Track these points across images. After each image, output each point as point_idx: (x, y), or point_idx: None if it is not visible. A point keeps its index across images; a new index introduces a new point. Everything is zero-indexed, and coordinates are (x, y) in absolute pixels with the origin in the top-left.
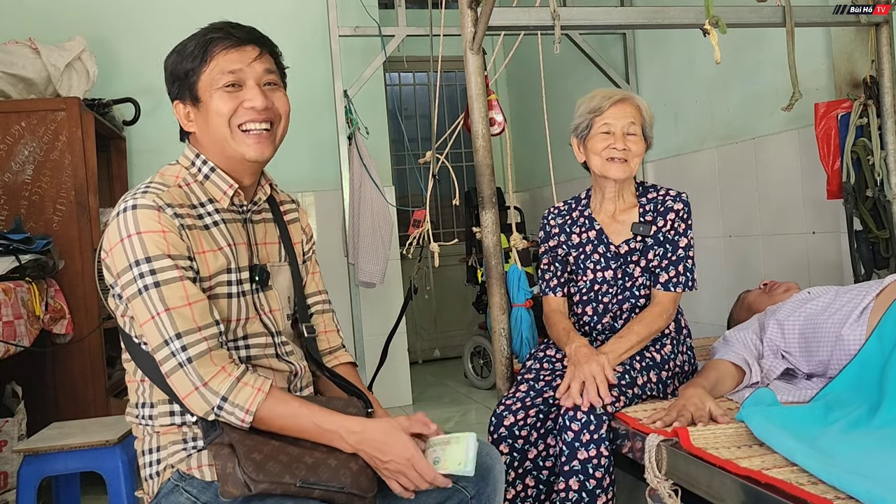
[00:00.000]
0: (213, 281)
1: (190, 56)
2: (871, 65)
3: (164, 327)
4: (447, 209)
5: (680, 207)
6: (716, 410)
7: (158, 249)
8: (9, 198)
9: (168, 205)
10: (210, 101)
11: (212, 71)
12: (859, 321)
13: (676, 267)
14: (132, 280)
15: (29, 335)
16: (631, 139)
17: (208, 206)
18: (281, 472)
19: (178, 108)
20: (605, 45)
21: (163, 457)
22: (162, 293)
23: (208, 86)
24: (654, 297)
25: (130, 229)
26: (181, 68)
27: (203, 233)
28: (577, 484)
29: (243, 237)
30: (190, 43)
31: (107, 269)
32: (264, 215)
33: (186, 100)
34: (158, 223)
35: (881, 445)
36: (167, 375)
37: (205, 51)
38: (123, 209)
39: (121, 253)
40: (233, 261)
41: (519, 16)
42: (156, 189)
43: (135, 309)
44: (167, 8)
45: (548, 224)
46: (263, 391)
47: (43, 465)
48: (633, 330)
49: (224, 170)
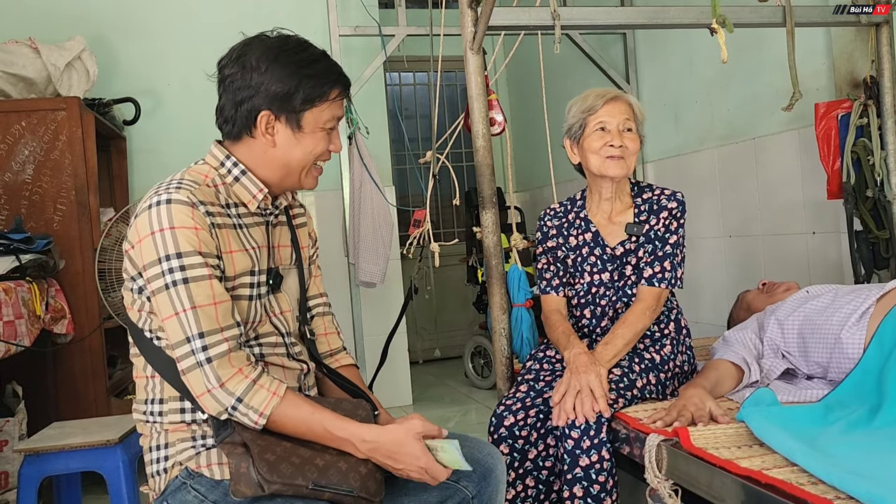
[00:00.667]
0: (237, 282)
1: (309, 85)
2: (872, 65)
3: (188, 324)
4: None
5: (674, 206)
6: (716, 410)
7: (190, 246)
8: (9, 197)
9: (201, 202)
10: (312, 135)
11: (324, 111)
12: (859, 324)
13: (662, 263)
14: (160, 274)
15: (29, 335)
16: (627, 136)
17: (234, 208)
18: (294, 473)
19: (265, 117)
20: (605, 45)
21: (171, 454)
22: (190, 290)
23: (314, 121)
24: (638, 294)
25: (164, 223)
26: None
27: (232, 232)
28: (582, 491)
29: (265, 240)
30: (307, 67)
31: (129, 261)
32: (280, 219)
33: (282, 117)
34: (192, 219)
35: (881, 446)
36: (183, 373)
37: (326, 89)
38: (157, 202)
39: (150, 246)
40: (256, 263)
41: (519, 16)
42: (189, 185)
43: (158, 303)
44: (168, 7)
45: (545, 225)
46: (279, 395)
47: (44, 464)
48: (618, 334)
49: (258, 177)
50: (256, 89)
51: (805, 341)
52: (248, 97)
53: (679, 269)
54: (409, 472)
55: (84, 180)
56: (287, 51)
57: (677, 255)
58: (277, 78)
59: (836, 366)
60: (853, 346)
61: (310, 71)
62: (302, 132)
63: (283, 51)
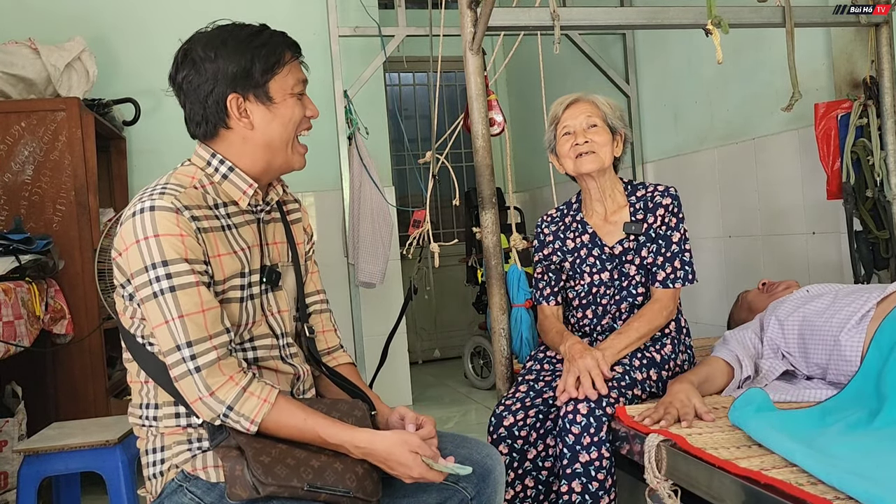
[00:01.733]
0: (227, 285)
1: (262, 55)
2: (871, 65)
3: (177, 333)
4: (447, 209)
5: (668, 202)
6: (701, 408)
7: (176, 253)
8: (9, 198)
9: (186, 207)
10: (283, 104)
11: (286, 76)
12: (858, 327)
13: (672, 262)
14: (147, 283)
15: (29, 335)
16: (592, 131)
17: (223, 208)
18: (289, 475)
19: (234, 101)
20: (605, 45)
21: (167, 457)
22: (177, 298)
23: (281, 89)
24: (654, 295)
25: (148, 231)
26: (250, 64)
27: (220, 234)
28: (580, 487)
29: (256, 239)
30: (253, 40)
31: (118, 269)
32: (273, 215)
33: (250, 95)
34: (177, 226)
35: (880, 446)
36: (176, 380)
37: (280, 53)
38: (140, 209)
39: (136, 254)
40: (246, 265)
41: (519, 16)
42: (173, 190)
43: (148, 311)
44: (167, 8)
45: (542, 232)
46: (269, 402)
47: (43, 465)
48: (633, 326)
49: (244, 170)
50: (215, 77)
51: (805, 342)
52: (210, 89)
53: (690, 264)
54: (401, 478)
55: (84, 181)
56: (230, 33)
57: (685, 251)
58: (230, 59)
59: (835, 368)
60: (852, 349)
61: (257, 42)
62: (274, 103)
63: (227, 34)
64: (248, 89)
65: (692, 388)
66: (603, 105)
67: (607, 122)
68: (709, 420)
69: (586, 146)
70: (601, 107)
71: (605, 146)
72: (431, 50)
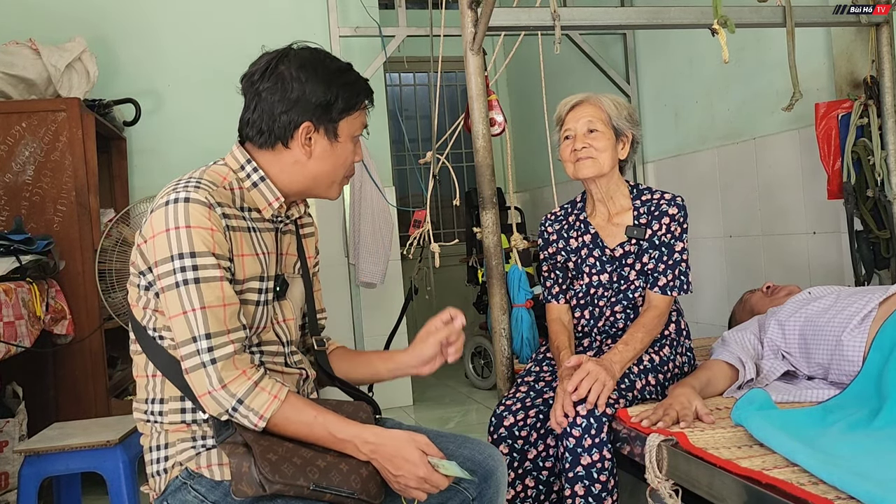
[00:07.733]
0: (245, 286)
1: (345, 94)
2: (872, 65)
3: (195, 324)
4: (447, 209)
5: (675, 212)
6: (701, 409)
7: (205, 246)
8: (9, 198)
9: (218, 203)
10: (343, 145)
11: (356, 119)
12: (860, 327)
13: (673, 271)
14: (171, 272)
15: (30, 336)
16: (592, 136)
17: (247, 213)
18: (295, 474)
19: (306, 128)
20: (605, 45)
21: (171, 454)
22: (201, 290)
23: (348, 130)
24: (651, 301)
25: (180, 221)
26: (334, 98)
27: (245, 235)
28: (583, 489)
29: (274, 247)
30: (341, 76)
31: (140, 256)
32: (289, 227)
33: (321, 128)
34: (208, 220)
35: (882, 446)
36: (187, 372)
37: (360, 96)
38: (175, 199)
39: (164, 243)
40: (265, 269)
41: (519, 16)
42: (207, 185)
43: (167, 300)
44: (168, 8)
45: (545, 231)
46: (280, 398)
47: (44, 465)
48: (637, 337)
49: (277, 185)
50: (298, 100)
51: (807, 342)
52: (288, 108)
53: (687, 276)
54: (406, 481)
55: (84, 181)
56: (322, 62)
57: (685, 262)
58: (317, 88)
59: (837, 367)
60: (854, 349)
61: (344, 79)
62: (338, 141)
63: (319, 62)
64: (322, 122)
65: (693, 391)
66: (609, 106)
67: (612, 123)
68: (709, 422)
69: (584, 151)
70: (606, 108)
71: (605, 151)
72: (432, 50)
